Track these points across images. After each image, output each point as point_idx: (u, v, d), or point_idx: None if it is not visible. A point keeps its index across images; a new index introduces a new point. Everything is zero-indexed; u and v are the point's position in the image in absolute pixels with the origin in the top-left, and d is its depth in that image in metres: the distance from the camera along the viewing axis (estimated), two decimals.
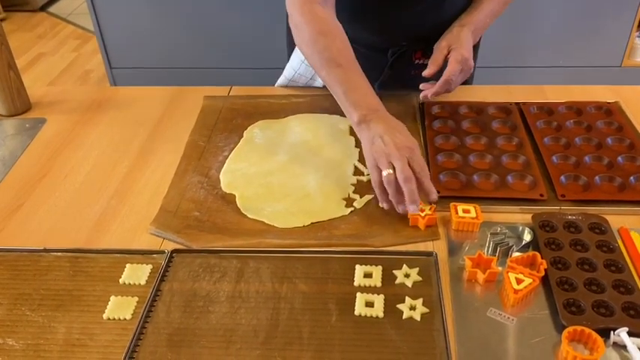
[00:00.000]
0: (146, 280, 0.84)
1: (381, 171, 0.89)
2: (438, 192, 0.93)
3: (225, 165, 1.07)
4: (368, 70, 1.03)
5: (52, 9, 4.29)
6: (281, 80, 1.34)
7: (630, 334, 0.72)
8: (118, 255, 0.88)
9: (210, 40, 2.52)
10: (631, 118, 1.15)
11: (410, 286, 0.81)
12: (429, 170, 0.95)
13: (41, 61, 3.54)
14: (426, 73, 1.08)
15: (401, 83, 1.15)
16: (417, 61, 1.21)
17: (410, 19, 1.15)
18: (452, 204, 0.92)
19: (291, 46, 1.31)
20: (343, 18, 1.06)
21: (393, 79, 1.22)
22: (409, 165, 0.88)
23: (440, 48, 1.09)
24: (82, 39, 3.83)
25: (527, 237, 0.87)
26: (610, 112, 1.16)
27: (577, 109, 1.18)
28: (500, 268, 0.82)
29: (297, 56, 1.27)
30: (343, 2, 1.09)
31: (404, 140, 0.91)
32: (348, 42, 1.02)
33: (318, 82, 1.28)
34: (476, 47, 1.22)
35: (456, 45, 1.06)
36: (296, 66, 1.29)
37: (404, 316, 0.77)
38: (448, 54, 1.08)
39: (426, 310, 0.78)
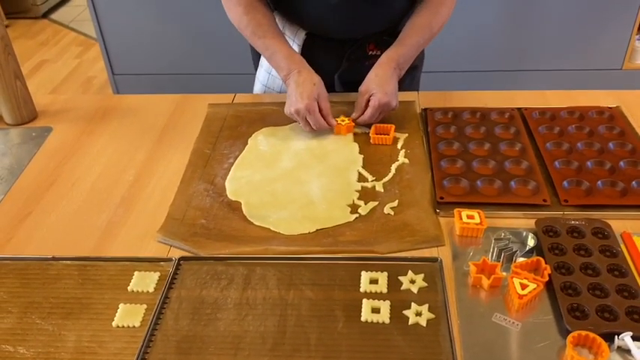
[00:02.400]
0: (154, 288, 0.85)
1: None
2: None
3: (230, 172, 1.08)
4: (327, 62, 1.27)
5: (55, 16, 4.31)
6: (257, 87, 1.39)
7: (634, 338, 0.73)
8: (126, 263, 0.89)
9: (213, 46, 2.53)
10: (633, 123, 1.16)
11: (415, 292, 0.82)
12: (433, 176, 1.03)
13: (44, 68, 3.56)
14: (353, 116, 1.19)
15: (358, 73, 1.22)
16: (370, 52, 1.28)
17: (365, 16, 1.23)
18: (456, 210, 0.93)
19: (256, 54, 1.38)
20: (306, 13, 1.23)
21: (351, 70, 1.29)
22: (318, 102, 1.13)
23: (362, 93, 1.17)
24: (84, 46, 3.85)
25: (530, 242, 0.88)
26: (612, 117, 1.17)
27: (579, 114, 1.19)
28: (504, 274, 0.83)
29: (264, 69, 1.37)
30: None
31: (311, 88, 1.14)
32: (269, 15, 1.24)
33: None
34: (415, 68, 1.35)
35: (376, 90, 1.14)
36: (263, 80, 1.37)
37: (410, 322, 0.78)
38: (370, 97, 1.15)
39: (431, 315, 0.79)
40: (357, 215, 0.96)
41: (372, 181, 1.04)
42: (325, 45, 1.27)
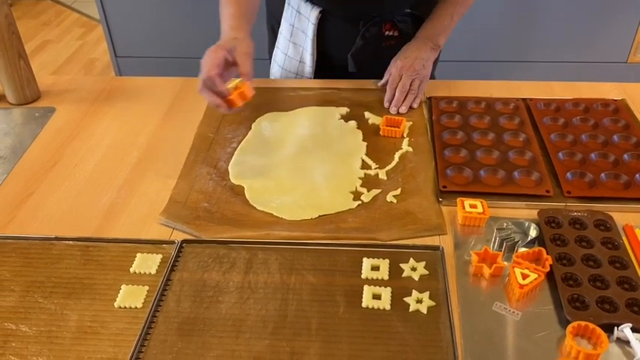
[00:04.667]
0: (156, 270, 0.85)
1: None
2: (444, 186, 0.96)
3: (233, 157, 1.08)
4: (340, 41, 1.21)
5: None
6: (275, 70, 1.37)
7: (634, 330, 0.73)
8: (129, 244, 0.90)
9: (218, 29, 2.52)
10: (637, 116, 1.16)
11: (417, 279, 0.83)
12: (436, 165, 1.03)
13: (46, 49, 3.54)
14: (381, 83, 1.20)
15: (372, 54, 1.21)
16: (386, 33, 1.26)
17: None
18: (459, 199, 0.93)
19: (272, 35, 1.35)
20: None
21: (365, 49, 1.26)
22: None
23: (396, 68, 1.18)
24: (87, 27, 3.83)
25: (532, 233, 0.88)
26: (617, 109, 1.17)
27: (584, 106, 1.18)
28: (506, 263, 0.83)
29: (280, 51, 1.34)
30: None
31: (218, 52, 1.07)
32: None
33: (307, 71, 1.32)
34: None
35: (397, 57, 1.15)
36: (280, 61, 1.34)
37: (410, 309, 0.78)
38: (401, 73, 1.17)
39: (432, 303, 0.79)
40: (359, 202, 0.96)
41: (376, 168, 1.04)
42: (340, 23, 1.24)
